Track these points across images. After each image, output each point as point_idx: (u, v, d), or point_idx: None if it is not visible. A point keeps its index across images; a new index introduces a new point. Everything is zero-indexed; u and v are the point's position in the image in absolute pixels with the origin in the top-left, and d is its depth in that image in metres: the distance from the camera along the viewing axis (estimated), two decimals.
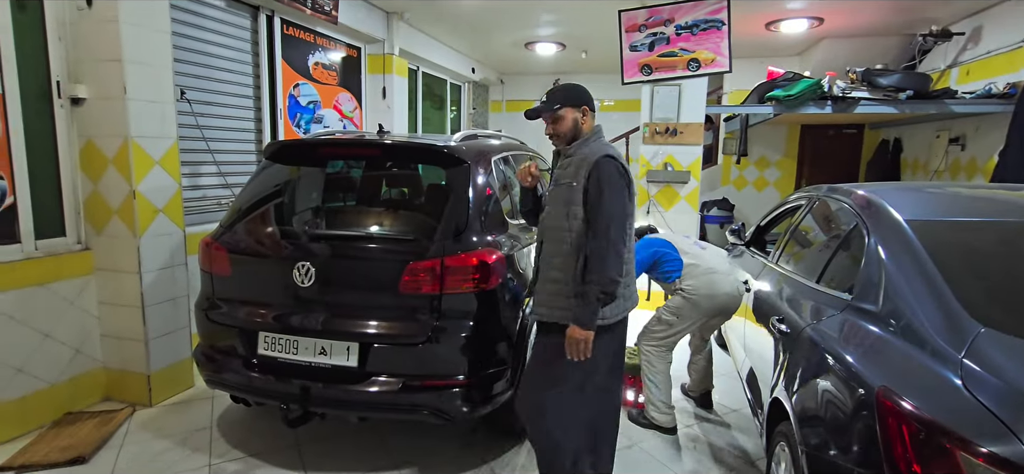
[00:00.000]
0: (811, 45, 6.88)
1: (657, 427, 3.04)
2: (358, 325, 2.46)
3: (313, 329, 2.46)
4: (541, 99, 2.26)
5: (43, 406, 2.92)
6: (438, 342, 2.41)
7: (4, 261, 2.73)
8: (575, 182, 2.08)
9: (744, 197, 8.06)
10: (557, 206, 2.14)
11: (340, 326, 2.46)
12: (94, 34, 2.94)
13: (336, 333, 2.45)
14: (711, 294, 2.94)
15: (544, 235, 2.21)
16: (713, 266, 3.01)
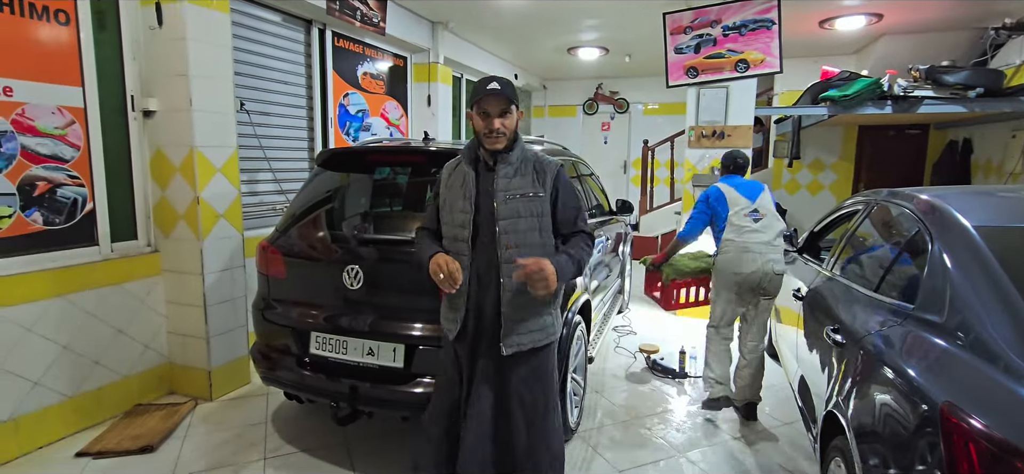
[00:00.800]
0: (869, 42, 6.57)
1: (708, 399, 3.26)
2: (404, 327, 2.52)
3: (361, 330, 2.54)
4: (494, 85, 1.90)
5: (116, 397, 3.14)
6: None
7: (85, 262, 2.96)
8: (542, 191, 1.95)
9: (797, 202, 7.76)
10: (527, 220, 1.93)
11: (386, 328, 2.53)
12: (164, 51, 3.15)
13: (383, 334, 2.52)
14: (736, 270, 3.11)
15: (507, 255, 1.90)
16: (746, 244, 3.11)
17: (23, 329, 2.69)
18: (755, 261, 3.08)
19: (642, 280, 6.66)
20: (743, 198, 3.24)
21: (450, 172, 2.07)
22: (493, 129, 1.90)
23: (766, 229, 3.17)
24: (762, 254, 3.10)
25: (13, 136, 2.65)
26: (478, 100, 1.92)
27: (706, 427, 3.18)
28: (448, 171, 2.08)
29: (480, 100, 1.91)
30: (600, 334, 3.97)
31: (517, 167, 1.97)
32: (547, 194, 1.97)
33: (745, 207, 3.21)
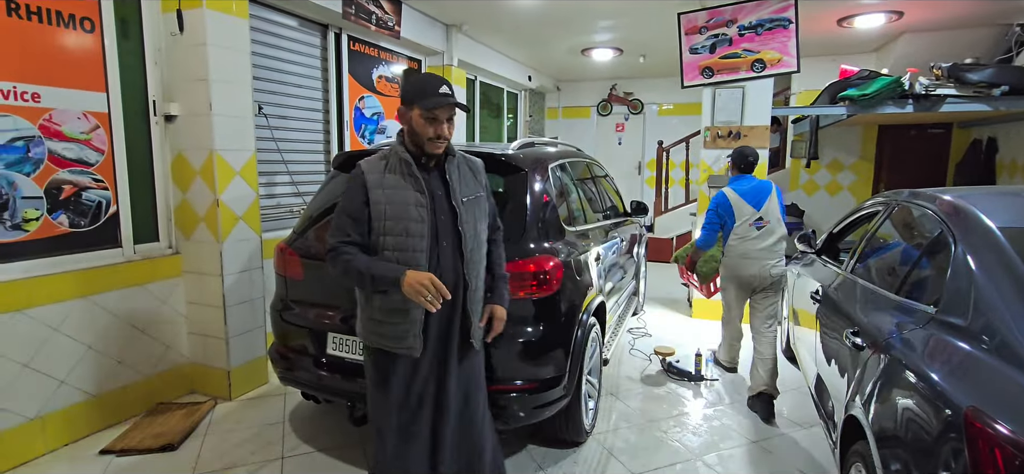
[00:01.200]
0: (888, 41, 6.45)
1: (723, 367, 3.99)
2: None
3: None
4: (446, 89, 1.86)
5: (139, 396, 3.20)
6: (495, 347, 2.44)
7: (108, 264, 3.03)
8: (482, 191, 2.03)
9: (815, 202, 7.65)
10: (481, 221, 1.99)
11: None
12: (185, 56, 3.21)
13: None
14: (737, 273, 3.56)
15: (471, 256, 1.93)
16: (747, 251, 3.50)
17: (50, 329, 2.76)
18: (754, 265, 3.49)
19: (659, 281, 6.61)
20: (749, 206, 3.52)
21: (379, 175, 1.87)
22: (442, 135, 1.84)
23: (767, 236, 3.50)
24: (759, 259, 3.49)
25: (41, 141, 2.73)
26: (428, 103, 1.80)
27: (723, 430, 3.15)
28: (375, 174, 1.87)
29: (431, 103, 1.81)
30: (615, 336, 3.95)
31: (458, 170, 1.97)
32: (486, 193, 2.05)
33: (750, 216, 3.51)
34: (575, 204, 3.30)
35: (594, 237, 3.34)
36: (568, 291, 2.66)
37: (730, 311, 3.79)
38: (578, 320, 2.72)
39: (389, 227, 1.85)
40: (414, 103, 1.83)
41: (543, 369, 2.52)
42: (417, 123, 1.84)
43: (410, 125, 1.86)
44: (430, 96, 1.82)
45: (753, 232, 3.48)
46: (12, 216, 2.65)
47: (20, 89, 2.63)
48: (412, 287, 1.74)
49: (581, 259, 2.91)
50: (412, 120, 1.85)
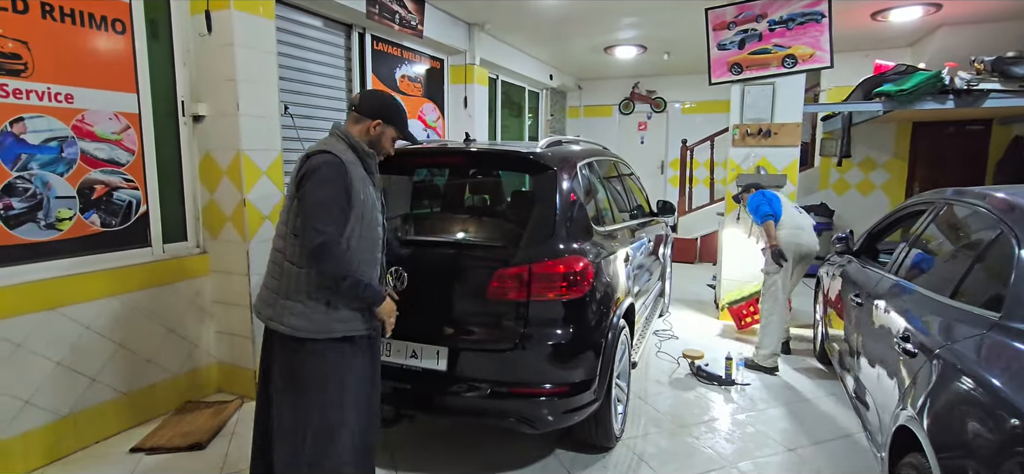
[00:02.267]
0: (925, 34, 6.24)
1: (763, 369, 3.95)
2: (447, 330, 2.50)
3: (404, 333, 2.52)
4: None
5: (168, 395, 3.22)
6: (525, 350, 2.40)
7: (138, 263, 3.05)
8: None
9: (846, 202, 7.43)
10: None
11: (430, 330, 2.51)
12: (213, 57, 3.23)
13: (426, 337, 2.50)
14: (797, 242, 3.93)
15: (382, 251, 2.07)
16: (801, 224, 4.01)
17: (82, 327, 2.79)
18: (806, 234, 4.00)
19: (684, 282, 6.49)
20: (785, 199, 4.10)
21: (355, 167, 1.90)
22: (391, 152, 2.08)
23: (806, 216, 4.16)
24: (809, 228, 4.05)
25: (74, 141, 2.76)
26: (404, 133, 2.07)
27: (758, 437, 3.05)
28: (354, 167, 1.89)
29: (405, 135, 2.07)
30: (642, 339, 3.87)
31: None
32: None
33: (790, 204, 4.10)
34: (603, 204, 3.23)
35: (622, 237, 3.27)
36: (598, 293, 2.59)
37: (779, 296, 3.96)
38: (608, 322, 2.65)
39: (365, 223, 1.90)
40: (393, 124, 2.01)
41: (573, 373, 2.46)
42: (386, 140, 2.02)
43: (377, 136, 1.99)
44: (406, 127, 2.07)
45: (795, 211, 4.08)
46: (46, 215, 2.68)
47: (54, 90, 2.66)
48: (390, 309, 1.97)
49: (610, 260, 2.84)
50: (382, 135, 2.00)
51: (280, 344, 1.90)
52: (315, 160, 1.83)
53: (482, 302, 2.44)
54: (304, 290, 1.86)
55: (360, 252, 1.88)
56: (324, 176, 1.80)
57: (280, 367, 1.91)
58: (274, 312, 1.89)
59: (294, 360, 1.88)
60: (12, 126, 2.52)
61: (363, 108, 1.99)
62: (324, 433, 1.88)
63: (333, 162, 1.82)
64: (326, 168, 1.81)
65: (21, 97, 2.54)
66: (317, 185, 1.80)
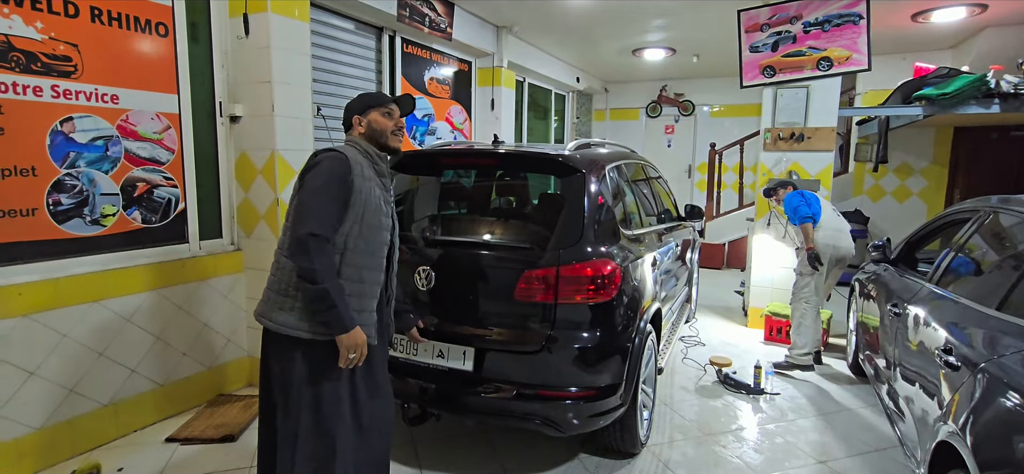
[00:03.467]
0: (968, 36, 6.01)
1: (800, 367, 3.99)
2: (474, 330, 2.51)
3: (431, 332, 2.55)
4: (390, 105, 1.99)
5: (202, 387, 3.32)
6: (551, 352, 2.39)
7: (176, 259, 3.15)
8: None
9: (881, 209, 7.21)
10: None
11: (456, 330, 2.53)
12: (250, 59, 3.31)
13: (453, 337, 2.52)
14: (835, 244, 3.94)
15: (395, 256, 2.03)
16: (838, 226, 4.00)
17: (123, 320, 2.89)
18: (844, 237, 4.00)
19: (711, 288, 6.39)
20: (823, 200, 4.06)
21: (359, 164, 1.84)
22: (400, 125, 1.97)
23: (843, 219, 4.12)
24: (846, 231, 4.04)
25: (118, 140, 2.87)
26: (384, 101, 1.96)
27: (788, 448, 2.98)
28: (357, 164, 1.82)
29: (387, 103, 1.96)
30: (668, 344, 3.82)
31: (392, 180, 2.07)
32: None
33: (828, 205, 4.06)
34: (630, 207, 3.20)
35: (649, 241, 3.24)
36: (626, 297, 2.57)
37: (811, 299, 3.98)
38: (635, 327, 2.63)
39: (365, 224, 1.82)
40: (372, 106, 1.94)
41: (600, 376, 2.45)
42: (377, 122, 1.92)
43: (369, 128, 1.92)
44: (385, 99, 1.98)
45: (834, 213, 4.06)
46: (92, 211, 2.79)
47: (101, 91, 2.77)
48: (354, 343, 1.74)
49: (638, 264, 2.82)
50: (371, 122, 1.92)
51: (273, 343, 1.82)
52: (321, 157, 1.81)
53: (509, 303, 2.45)
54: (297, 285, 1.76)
55: (357, 254, 1.80)
56: (324, 168, 1.76)
57: (275, 367, 1.83)
58: (267, 308, 1.82)
59: (286, 360, 1.78)
60: (62, 125, 2.63)
61: (345, 123, 1.99)
62: (320, 438, 1.79)
63: (335, 156, 1.79)
64: (327, 161, 1.78)
65: (71, 98, 2.65)
66: (315, 176, 1.75)
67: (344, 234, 1.78)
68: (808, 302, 3.97)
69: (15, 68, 2.46)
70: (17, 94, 2.47)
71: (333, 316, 1.70)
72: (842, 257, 3.99)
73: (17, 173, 2.50)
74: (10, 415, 2.49)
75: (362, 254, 1.82)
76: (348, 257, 1.79)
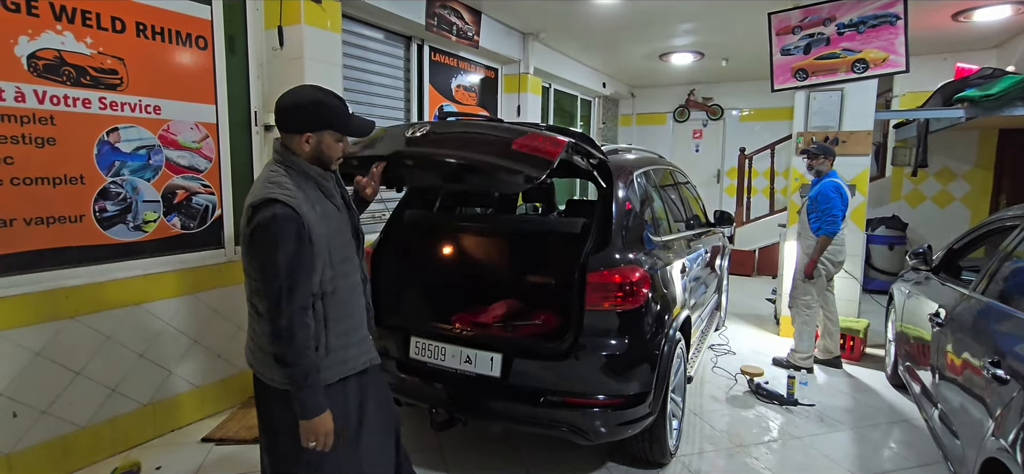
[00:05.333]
0: (1014, 35, 5.78)
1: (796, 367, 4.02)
2: (501, 337, 2.52)
3: (460, 338, 2.57)
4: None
5: (235, 388, 3.40)
6: (579, 359, 2.38)
7: (213, 264, 3.25)
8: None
9: (920, 215, 6.96)
10: None
11: (484, 337, 2.54)
12: (284, 70, 3.41)
13: (480, 343, 2.53)
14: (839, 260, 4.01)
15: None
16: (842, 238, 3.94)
17: (162, 322, 2.99)
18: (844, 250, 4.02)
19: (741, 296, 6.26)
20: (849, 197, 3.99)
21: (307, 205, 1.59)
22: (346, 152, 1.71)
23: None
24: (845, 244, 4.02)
25: (160, 150, 2.98)
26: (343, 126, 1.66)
27: (822, 461, 2.89)
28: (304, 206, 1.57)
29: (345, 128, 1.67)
30: (698, 353, 3.76)
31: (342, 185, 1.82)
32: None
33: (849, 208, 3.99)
34: (658, 213, 3.17)
35: (677, 248, 3.19)
36: (654, 304, 2.54)
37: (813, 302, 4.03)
38: (664, 334, 2.59)
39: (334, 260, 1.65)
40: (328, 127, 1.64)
41: (628, 384, 2.42)
42: (327, 146, 1.65)
43: (316, 148, 1.64)
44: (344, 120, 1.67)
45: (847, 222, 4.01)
46: (134, 218, 2.90)
47: (145, 102, 2.88)
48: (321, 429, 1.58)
49: (666, 271, 2.79)
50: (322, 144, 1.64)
51: (271, 394, 1.71)
52: (264, 215, 1.52)
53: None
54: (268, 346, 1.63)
55: (337, 290, 1.67)
56: (278, 234, 1.51)
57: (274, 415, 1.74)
58: (258, 364, 1.72)
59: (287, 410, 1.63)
60: (108, 135, 2.75)
61: (283, 123, 1.64)
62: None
63: (286, 217, 1.52)
64: (279, 224, 1.51)
65: (117, 109, 2.77)
66: (272, 248, 1.51)
67: (318, 282, 1.61)
68: (809, 308, 4.02)
69: (66, 82, 2.58)
70: (68, 106, 2.59)
71: (303, 398, 1.56)
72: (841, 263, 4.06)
73: (67, 181, 2.62)
74: (58, 413, 2.60)
75: (341, 284, 1.69)
76: (329, 298, 1.65)
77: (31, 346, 2.49)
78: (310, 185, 1.64)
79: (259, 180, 1.63)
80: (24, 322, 2.46)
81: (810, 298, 4.03)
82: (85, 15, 2.62)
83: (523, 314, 2.95)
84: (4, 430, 2.44)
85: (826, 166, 3.99)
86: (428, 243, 3.25)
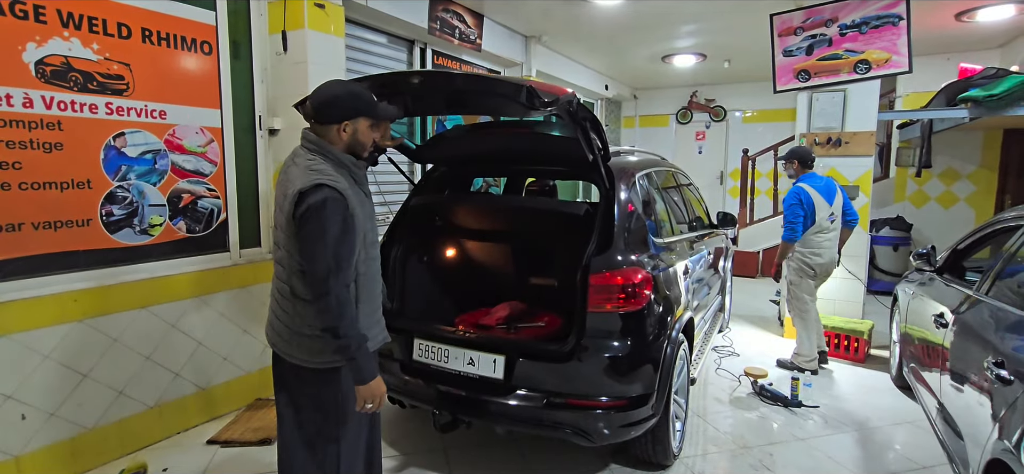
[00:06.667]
0: (1017, 35, 5.77)
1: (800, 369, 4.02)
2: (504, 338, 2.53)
3: (462, 340, 2.58)
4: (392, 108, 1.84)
5: (241, 391, 3.42)
6: (582, 361, 2.39)
7: (218, 267, 3.27)
8: None
9: (924, 215, 6.94)
10: None
11: (487, 339, 2.55)
12: (288, 74, 3.43)
13: (483, 345, 2.54)
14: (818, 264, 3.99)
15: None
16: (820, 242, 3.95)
17: (168, 325, 3.02)
18: (827, 254, 3.98)
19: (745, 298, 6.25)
20: (825, 203, 3.93)
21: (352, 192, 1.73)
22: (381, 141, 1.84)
23: (835, 229, 4.00)
24: (831, 249, 3.99)
25: (166, 154, 3.01)
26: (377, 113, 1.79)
27: (827, 464, 2.89)
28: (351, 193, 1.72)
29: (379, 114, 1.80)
30: (701, 354, 3.76)
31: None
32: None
33: (826, 212, 3.93)
34: (661, 214, 3.18)
35: (680, 249, 3.20)
36: (657, 305, 2.55)
37: (807, 303, 4.06)
38: (667, 336, 2.60)
39: (368, 243, 1.80)
40: (363, 115, 1.76)
41: (631, 386, 2.43)
42: (363, 134, 1.78)
43: (353, 137, 1.76)
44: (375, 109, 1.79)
45: (828, 225, 3.94)
46: (141, 222, 2.93)
47: (151, 107, 2.91)
48: (377, 391, 1.74)
49: (669, 272, 2.79)
50: (358, 132, 1.77)
51: (293, 372, 1.84)
52: (315, 199, 1.63)
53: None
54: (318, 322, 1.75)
55: (367, 274, 1.82)
56: (328, 217, 1.63)
57: (296, 393, 1.88)
58: (290, 347, 1.82)
59: (310, 388, 1.83)
60: (115, 140, 2.78)
61: (323, 115, 1.75)
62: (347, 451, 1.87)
63: (334, 200, 1.65)
64: (330, 207, 1.63)
65: (123, 114, 2.80)
66: (322, 230, 1.63)
67: (355, 264, 1.76)
68: (805, 309, 4.05)
69: (73, 87, 2.61)
70: (75, 112, 2.62)
71: (355, 367, 1.71)
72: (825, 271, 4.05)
73: (74, 186, 2.65)
74: (66, 415, 2.63)
75: (371, 268, 1.85)
76: (361, 281, 1.79)
77: (40, 349, 2.52)
78: (345, 173, 1.76)
79: (297, 168, 1.73)
80: (33, 325, 2.49)
81: (805, 299, 4.05)
82: (91, 21, 2.65)
83: (526, 316, 2.97)
84: (13, 432, 2.47)
85: (794, 169, 4.05)
86: (432, 245, 3.26)
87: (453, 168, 3.33)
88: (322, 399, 1.84)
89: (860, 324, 4.48)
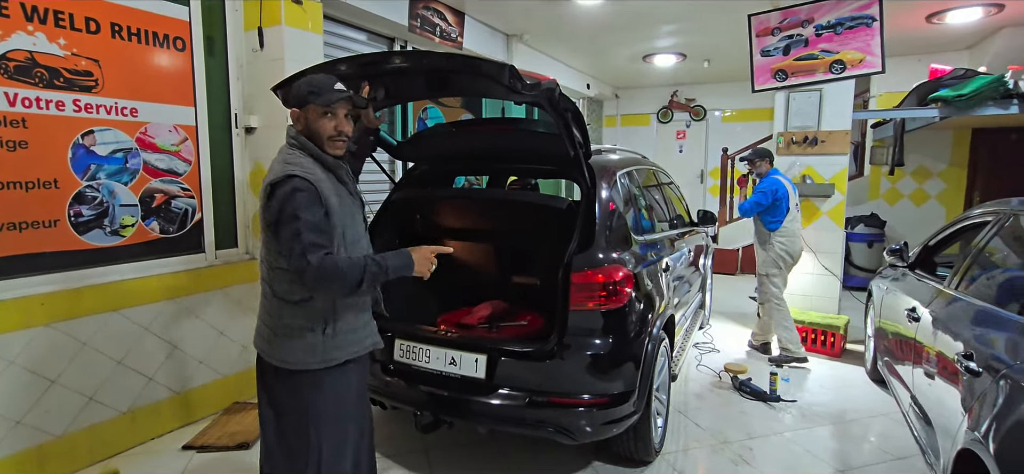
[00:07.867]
0: (984, 36, 5.93)
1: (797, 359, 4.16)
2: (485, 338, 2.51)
3: (444, 340, 2.56)
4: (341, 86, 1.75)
5: (218, 395, 3.35)
6: (563, 359, 2.39)
7: (193, 268, 3.20)
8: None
9: (897, 213, 7.11)
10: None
11: (468, 338, 2.53)
12: (264, 71, 3.37)
13: (465, 344, 2.53)
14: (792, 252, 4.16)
15: None
16: (795, 230, 4.15)
17: (141, 328, 2.94)
18: (799, 241, 4.20)
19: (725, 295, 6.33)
20: (794, 193, 4.18)
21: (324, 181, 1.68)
22: (342, 130, 1.73)
23: (799, 218, 4.25)
24: (800, 236, 4.22)
25: (137, 153, 2.93)
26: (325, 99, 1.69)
27: (805, 456, 2.94)
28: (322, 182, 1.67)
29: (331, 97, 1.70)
30: (682, 351, 3.79)
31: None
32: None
33: (795, 201, 4.17)
34: (642, 213, 3.19)
35: (661, 247, 3.22)
36: (638, 303, 2.56)
37: (780, 292, 4.22)
38: (648, 333, 2.61)
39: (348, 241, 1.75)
40: (311, 100, 1.70)
41: (612, 383, 2.43)
42: (314, 121, 1.70)
43: (306, 126, 1.72)
44: (326, 93, 1.70)
45: (796, 214, 4.18)
46: (111, 222, 2.85)
47: (121, 105, 2.83)
48: (425, 259, 1.80)
49: (650, 270, 2.81)
50: (308, 119, 1.71)
51: (274, 374, 1.80)
52: (284, 189, 1.61)
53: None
54: (300, 323, 1.72)
55: None
56: (299, 205, 1.60)
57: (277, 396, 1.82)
58: (271, 348, 1.78)
59: (294, 391, 1.77)
60: (83, 138, 2.69)
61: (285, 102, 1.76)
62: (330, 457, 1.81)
63: (304, 188, 1.61)
64: (300, 196, 1.60)
65: (92, 111, 2.72)
66: (292, 217, 1.59)
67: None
68: (779, 301, 4.21)
69: (39, 84, 2.53)
70: (41, 109, 2.54)
71: (397, 266, 1.74)
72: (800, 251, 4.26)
73: (40, 186, 2.56)
74: (33, 423, 2.54)
75: None
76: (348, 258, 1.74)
77: (3, 354, 2.43)
78: (321, 168, 1.72)
79: (275, 162, 1.72)
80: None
81: (777, 291, 4.20)
82: (58, 16, 2.57)
83: (508, 315, 2.96)
84: None
85: (764, 168, 4.24)
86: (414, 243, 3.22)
87: (434, 166, 3.30)
88: (303, 402, 1.80)
89: (836, 319, 4.57)
